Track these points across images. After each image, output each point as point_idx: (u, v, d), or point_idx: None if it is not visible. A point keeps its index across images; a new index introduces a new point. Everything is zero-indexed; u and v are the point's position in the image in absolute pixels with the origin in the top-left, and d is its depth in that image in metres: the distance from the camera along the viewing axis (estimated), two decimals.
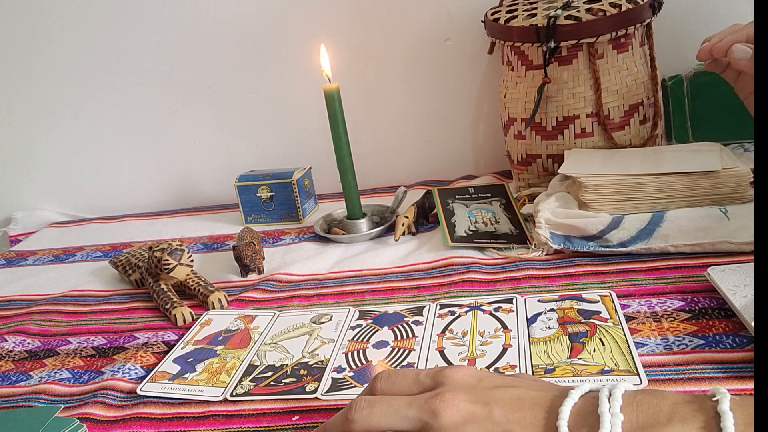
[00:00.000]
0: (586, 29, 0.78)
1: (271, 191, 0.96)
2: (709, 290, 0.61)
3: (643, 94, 0.83)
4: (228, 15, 1.03)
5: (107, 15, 1.05)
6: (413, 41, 1.01)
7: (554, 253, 0.73)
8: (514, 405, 0.39)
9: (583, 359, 0.54)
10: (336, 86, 0.82)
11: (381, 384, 0.44)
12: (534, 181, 0.88)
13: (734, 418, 0.34)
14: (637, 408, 0.37)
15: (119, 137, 1.12)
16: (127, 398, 0.60)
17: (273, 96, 1.07)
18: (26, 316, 0.80)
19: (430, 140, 1.06)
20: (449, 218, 0.83)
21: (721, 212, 0.69)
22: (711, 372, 0.51)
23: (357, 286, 0.75)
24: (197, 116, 1.09)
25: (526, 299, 0.65)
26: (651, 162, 0.76)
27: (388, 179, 1.07)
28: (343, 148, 0.85)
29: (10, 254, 1.03)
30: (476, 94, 1.02)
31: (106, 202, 1.16)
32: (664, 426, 0.35)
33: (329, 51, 0.85)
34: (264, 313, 0.71)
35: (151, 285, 0.78)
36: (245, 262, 0.81)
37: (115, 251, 0.97)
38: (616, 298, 0.62)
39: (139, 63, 1.07)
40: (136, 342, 0.70)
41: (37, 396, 0.63)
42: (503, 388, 0.41)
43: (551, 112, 0.83)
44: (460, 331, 0.62)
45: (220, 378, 0.61)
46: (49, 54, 1.09)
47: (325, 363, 0.60)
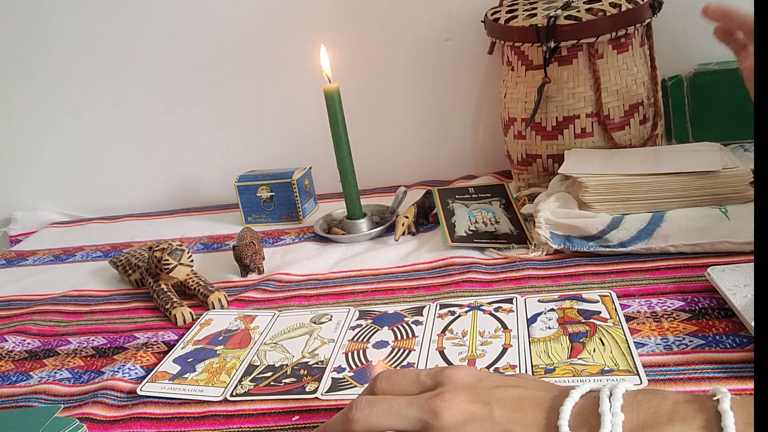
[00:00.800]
0: (586, 29, 0.78)
1: (271, 191, 0.96)
2: (709, 290, 0.61)
3: (643, 94, 0.83)
4: (228, 15, 1.03)
5: (107, 15, 1.05)
6: (413, 41, 1.01)
7: (554, 253, 0.73)
8: (515, 405, 0.39)
9: (583, 359, 0.54)
10: (336, 86, 0.82)
11: (381, 384, 0.44)
12: (534, 181, 0.88)
13: (735, 418, 0.34)
14: (638, 407, 0.37)
15: (119, 137, 1.12)
16: (127, 398, 0.60)
17: (273, 96, 1.07)
18: (26, 316, 0.80)
19: (430, 140, 1.06)
20: (449, 218, 0.83)
21: (721, 212, 0.69)
22: (711, 372, 0.51)
23: (357, 286, 0.75)
24: (197, 116, 1.09)
25: (526, 299, 0.65)
26: (651, 162, 0.76)
27: (388, 179, 1.07)
28: (343, 148, 0.85)
29: (10, 254, 1.03)
30: (476, 94, 1.02)
31: (106, 202, 1.16)
32: (665, 425, 0.35)
33: (329, 51, 0.85)
34: (264, 313, 0.71)
35: (151, 285, 0.78)
36: (245, 262, 0.81)
37: (115, 251, 0.97)
38: (616, 298, 0.62)
39: (139, 63, 1.07)
40: (136, 342, 0.70)
41: (37, 396, 0.63)
42: (504, 388, 0.41)
43: (551, 112, 0.83)
44: (460, 331, 0.62)
45: (220, 378, 0.61)
46: (49, 54, 1.09)
47: (325, 363, 0.60)
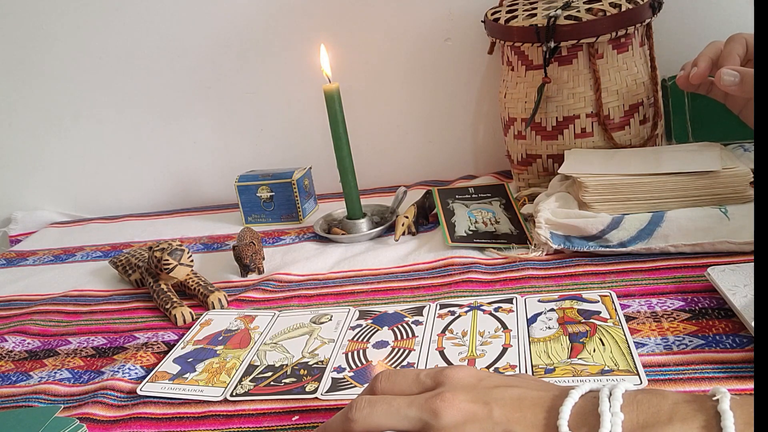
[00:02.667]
0: (586, 29, 0.78)
1: (271, 191, 0.96)
2: (709, 290, 0.61)
3: (643, 94, 0.83)
4: (228, 15, 1.03)
5: (107, 15, 1.05)
6: (413, 41, 1.01)
7: (554, 253, 0.73)
8: (515, 405, 0.39)
9: (583, 359, 0.54)
10: (336, 86, 0.82)
11: (381, 384, 0.44)
12: (534, 181, 0.88)
13: (734, 418, 0.34)
14: (638, 407, 0.37)
15: (119, 137, 1.12)
16: (127, 398, 0.60)
17: (273, 96, 1.07)
18: (26, 316, 0.80)
19: (430, 140, 1.06)
20: (449, 218, 0.83)
21: (721, 212, 0.69)
22: (711, 372, 0.51)
23: (357, 286, 0.75)
24: (197, 116, 1.09)
25: (526, 299, 0.65)
26: (651, 162, 0.76)
27: (388, 179, 1.07)
28: (343, 148, 0.85)
29: (10, 254, 1.03)
30: (476, 94, 1.02)
31: (106, 202, 1.16)
32: (665, 425, 0.35)
33: (329, 51, 0.85)
34: (264, 313, 0.71)
35: (151, 285, 0.78)
36: (245, 262, 0.81)
37: (115, 251, 0.97)
38: (616, 298, 0.62)
39: (139, 63, 1.07)
40: (136, 342, 0.70)
41: (37, 396, 0.63)
42: (503, 387, 0.41)
43: (551, 112, 0.83)
44: (460, 331, 0.62)
45: (220, 378, 0.61)
46: (49, 54, 1.09)
47: (325, 363, 0.60)
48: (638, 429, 0.36)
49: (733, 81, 0.63)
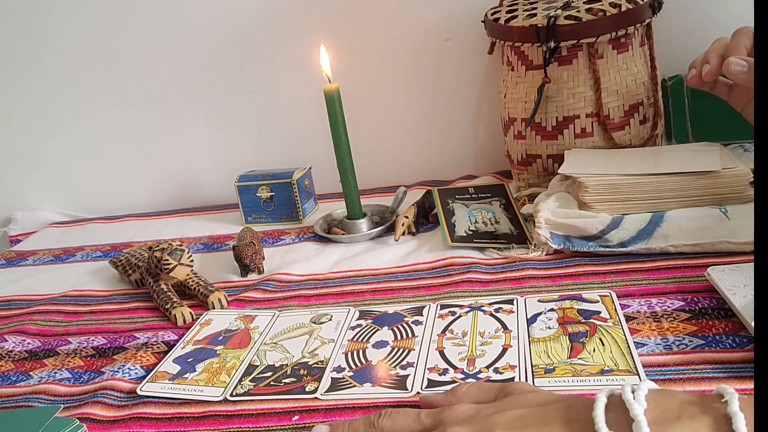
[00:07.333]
0: (586, 29, 0.78)
1: (271, 191, 0.96)
2: (709, 290, 0.61)
3: (643, 94, 0.83)
4: (228, 15, 1.03)
5: (107, 15, 1.05)
6: (413, 41, 1.01)
7: (554, 253, 0.73)
8: (516, 424, 0.40)
9: (583, 359, 0.54)
10: (336, 86, 0.82)
11: (382, 420, 0.46)
12: (534, 181, 0.88)
13: (745, 419, 0.34)
14: (647, 405, 0.37)
15: (119, 137, 1.12)
16: (127, 398, 0.60)
17: (273, 96, 1.07)
18: (26, 316, 0.80)
19: (430, 140, 1.06)
20: (449, 218, 0.83)
21: (721, 212, 0.69)
22: (711, 372, 0.51)
23: (357, 286, 0.75)
24: (197, 116, 1.09)
25: (526, 299, 0.65)
26: (651, 162, 0.76)
27: (388, 179, 1.07)
28: (343, 148, 0.85)
29: (10, 254, 1.03)
30: (476, 94, 1.02)
31: (106, 202, 1.16)
32: (673, 423, 0.36)
33: (329, 51, 0.85)
34: (264, 313, 0.71)
35: (151, 285, 0.78)
36: (245, 262, 0.81)
37: (115, 251, 0.97)
38: (616, 298, 0.63)
39: (139, 63, 1.07)
40: (136, 342, 0.70)
41: (37, 396, 0.63)
42: (501, 412, 0.42)
43: (551, 112, 0.83)
44: (460, 331, 0.62)
45: (220, 378, 0.61)
46: (49, 54, 1.09)
47: (325, 363, 0.60)
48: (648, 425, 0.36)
49: (741, 70, 0.63)
